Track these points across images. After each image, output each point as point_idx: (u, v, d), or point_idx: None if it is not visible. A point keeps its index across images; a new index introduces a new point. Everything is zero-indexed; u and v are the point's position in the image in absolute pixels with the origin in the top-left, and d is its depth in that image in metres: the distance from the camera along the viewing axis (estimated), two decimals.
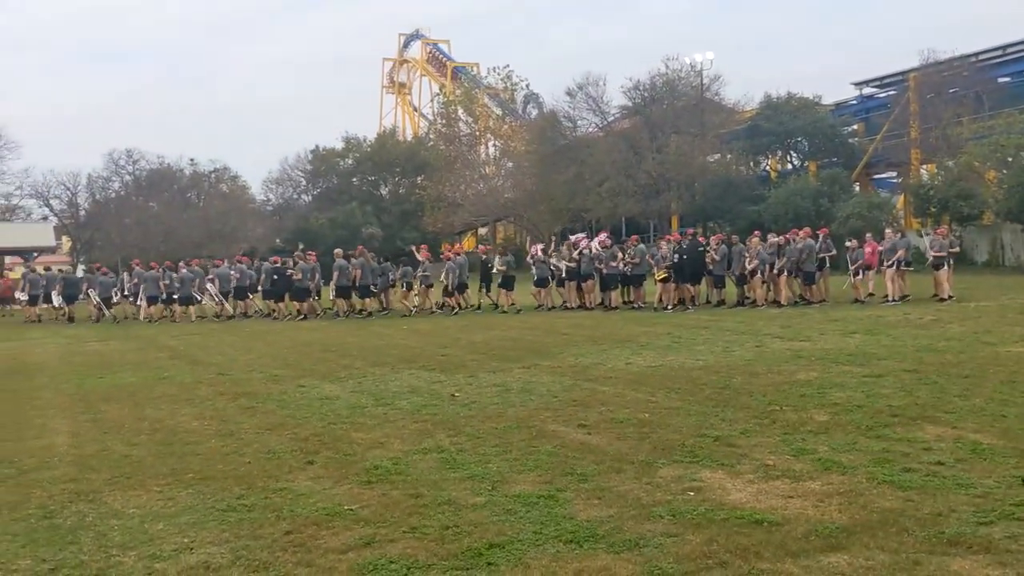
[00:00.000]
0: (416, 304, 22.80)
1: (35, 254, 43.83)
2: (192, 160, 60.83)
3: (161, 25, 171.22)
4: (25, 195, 58.29)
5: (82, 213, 59.51)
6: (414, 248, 24.87)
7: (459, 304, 22.56)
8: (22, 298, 28.05)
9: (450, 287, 22.34)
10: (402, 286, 23.30)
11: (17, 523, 5.47)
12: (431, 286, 23.07)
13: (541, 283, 22.38)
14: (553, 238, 27.08)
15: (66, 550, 4.92)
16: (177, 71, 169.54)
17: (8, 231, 49.12)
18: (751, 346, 12.61)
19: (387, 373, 11.46)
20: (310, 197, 63.79)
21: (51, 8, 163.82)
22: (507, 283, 22.39)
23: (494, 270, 22.92)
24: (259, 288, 24.67)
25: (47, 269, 29.82)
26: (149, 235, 51.22)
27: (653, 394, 9.01)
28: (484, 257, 25.13)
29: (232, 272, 24.83)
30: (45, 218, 57.60)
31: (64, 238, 59.54)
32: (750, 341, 13.19)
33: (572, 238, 24.58)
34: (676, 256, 20.18)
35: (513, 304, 21.95)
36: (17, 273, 40.22)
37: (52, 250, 51.96)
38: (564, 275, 22.10)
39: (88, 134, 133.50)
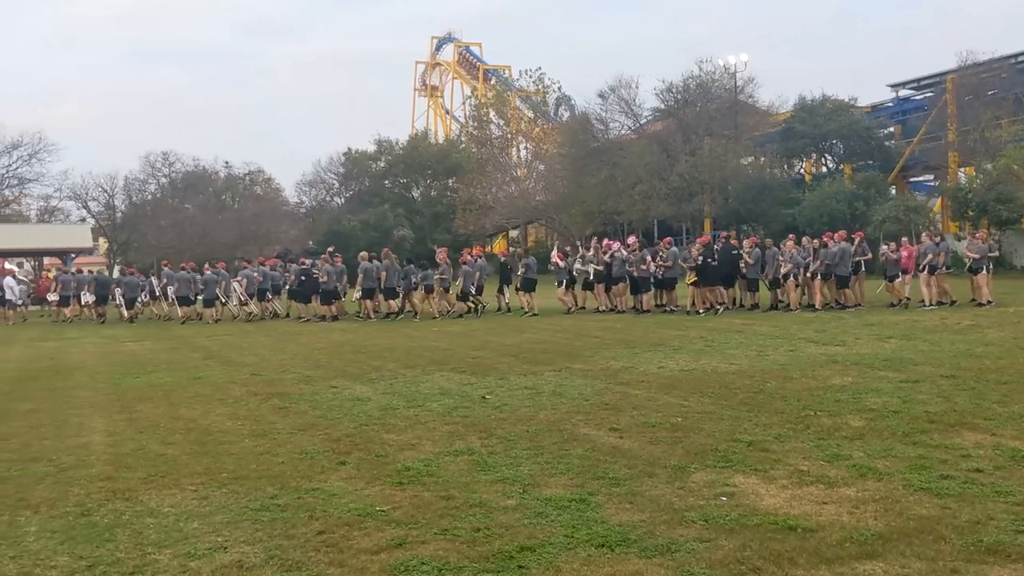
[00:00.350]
0: (438, 308, 22.96)
1: (73, 255, 44.46)
2: (227, 162, 61.59)
3: (193, 27, 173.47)
4: (64, 197, 59.27)
5: (119, 215, 60.31)
6: (444, 249, 25.08)
7: (479, 306, 22.79)
8: (53, 298, 28.63)
9: (462, 290, 22.47)
10: (421, 289, 23.47)
11: (55, 520, 5.54)
12: (447, 289, 23.20)
13: (561, 287, 22.61)
14: (579, 244, 27.04)
15: (103, 547, 4.97)
16: (212, 72, 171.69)
17: (47, 233, 49.94)
18: (785, 350, 12.50)
19: (418, 375, 11.49)
20: (342, 199, 64.24)
21: (81, 9, 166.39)
22: (526, 285, 22.52)
23: (517, 273, 23.04)
24: (283, 289, 24.99)
25: (78, 270, 30.42)
26: (184, 237, 51.79)
27: (686, 398, 8.96)
28: (503, 260, 25.24)
29: (255, 274, 25.13)
30: (83, 220, 58.42)
31: (101, 240, 60.34)
32: (784, 345, 13.08)
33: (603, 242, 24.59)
34: (701, 258, 20.10)
35: (532, 306, 22.08)
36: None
37: (90, 251, 52.68)
38: (592, 278, 22.15)
39: (124, 136, 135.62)
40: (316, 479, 6.28)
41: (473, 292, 22.40)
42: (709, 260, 20.05)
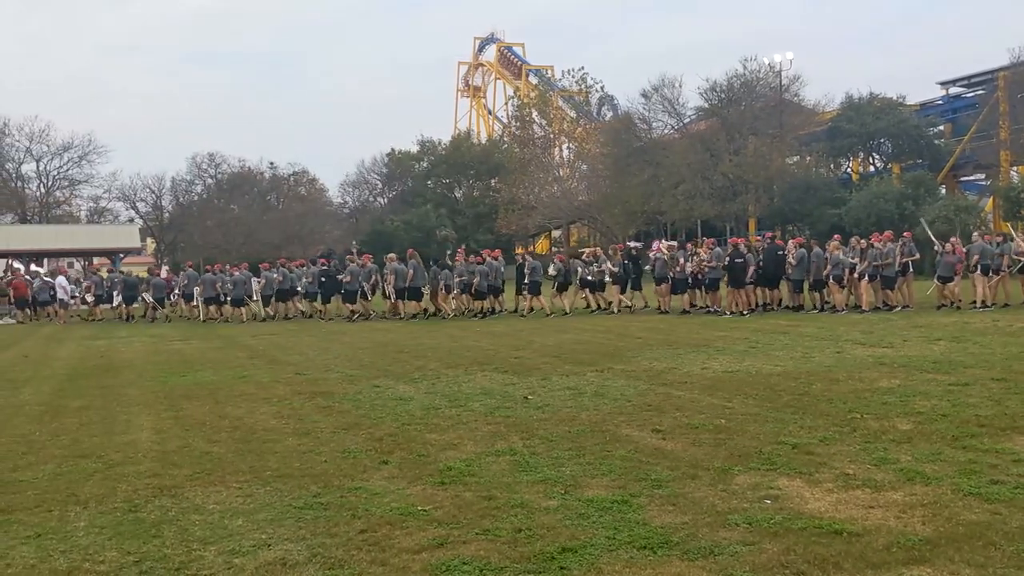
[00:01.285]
0: (453, 308, 23.09)
1: (122, 256, 45.28)
2: (272, 163, 62.31)
3: (242, 31, 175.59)
4: (113, 198, 60.44)
5: (166, 215, 61.31)
6: (462, 250, 25.28)
7: (491, 306, 23.06)
8: (89, 299, 29.90)
9: (476, 290, 22.63)
10: (442, 289, 23.60)
11: (104, 516, 5.64)
12: (466, 289, 23.31)
13: (562, 288, 23.26)
14: (586, 251, 27.06)
15: (150, 543, 5.05)
16: (258, 76, 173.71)
17: (96, 233, 50.90)
18: (831, 352, 12.34)
19: (460, 375, 11.51)
20: (385, 200, 64.69)
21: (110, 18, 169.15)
22: (533, 287, 22.79)
23: (526, 279, 23.19)
24: (300, 290, 25.30)
25: (109, 271, 32.34)
26: (230, 237, 52.49)
27: (729, 400, 8.87)
28: (520, 261, 25.40)
29: (276, 276, 25.44)
30: (131, 220, 59.50)
31: (149, 240, 61.38)
32: (830, 347, 12.90)
33: (630, 244, 24.90)
34: (728, 259, 20.04)
35: (533, 308, 22.57)
36: (104, 274, 42.18)
37: (138, 252, 53.61)
38: (608, 279, 22.59)
39: (171, 138, 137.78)
40: (358, 478, 6.32)
41: (487, 293, 22.64)
42: (737, 261, 19.92)
